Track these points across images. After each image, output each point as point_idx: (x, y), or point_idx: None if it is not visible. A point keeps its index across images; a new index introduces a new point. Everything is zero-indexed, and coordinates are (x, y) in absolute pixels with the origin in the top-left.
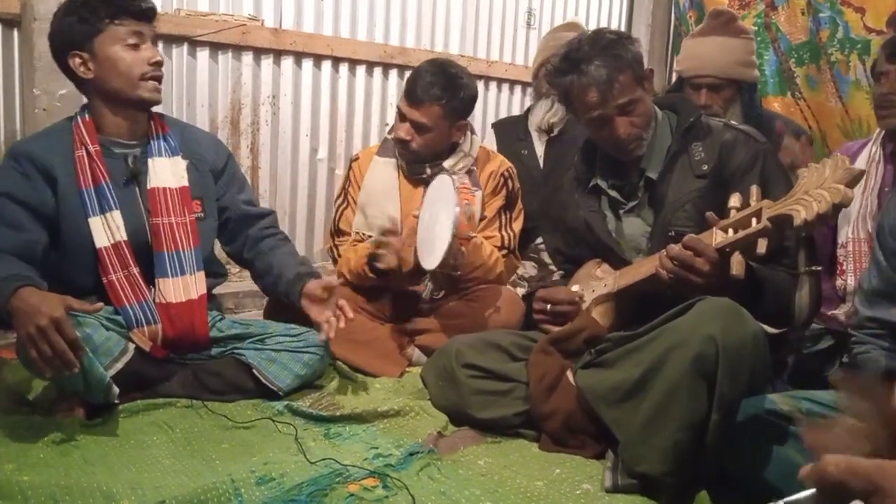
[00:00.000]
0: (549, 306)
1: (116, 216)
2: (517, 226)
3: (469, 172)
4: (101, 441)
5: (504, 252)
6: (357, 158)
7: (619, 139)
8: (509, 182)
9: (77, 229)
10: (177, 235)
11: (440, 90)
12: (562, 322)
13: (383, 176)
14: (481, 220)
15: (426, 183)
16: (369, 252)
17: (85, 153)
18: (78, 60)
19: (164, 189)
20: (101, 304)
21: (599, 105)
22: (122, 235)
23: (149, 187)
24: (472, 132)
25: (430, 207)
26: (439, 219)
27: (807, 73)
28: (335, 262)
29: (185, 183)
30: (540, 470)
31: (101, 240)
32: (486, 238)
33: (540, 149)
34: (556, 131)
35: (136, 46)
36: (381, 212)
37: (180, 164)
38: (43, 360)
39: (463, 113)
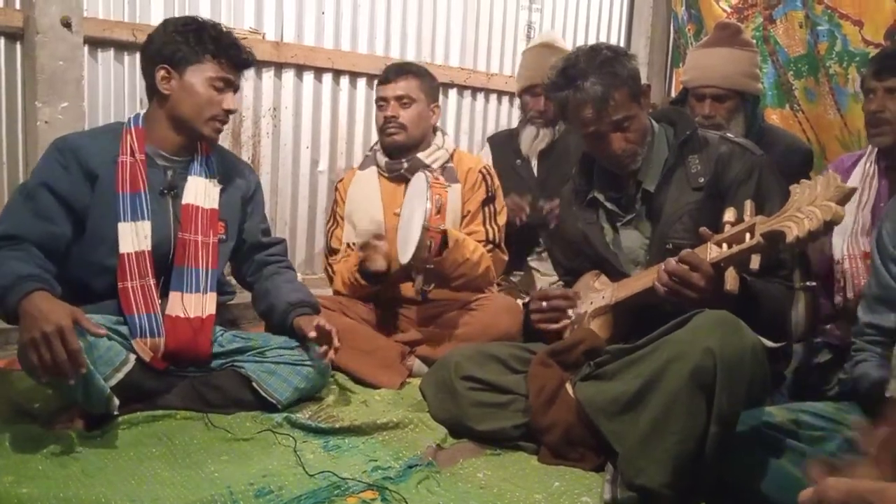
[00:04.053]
0: (544, 303)
1: (146, 226)
2: (501, 220)
3: (445, 168)
4: (100, 453)
5: (489, 247)
6: (341, 180)
7: (613, 154)
8: (488, 178)
9: (104, 231)
10: (199, 254)
11: (410, 66)
12: (557, 319)
13: (365, 184)
14: (464, 216)
15: (406, 180)
16: (359, 257)
17: (129, 159)
18: (164, 74)
19: (197, 207)
20: (104, 331)
21: (594, 122)
22: (147, 245)
23: (184, 202)
24: (444, 132)
25: (408, 205)
26: (415, 215)
27: (805, 86)
28: (331, 280)
29: (216, 206)
30: (539, 482)
31: (126, 245)
32: (471, 233)
33: (534, 161)
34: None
35: (220, 90)
36: (365, 215)
37: (215, 187)
38: (42, 366)
39: (435, 94)
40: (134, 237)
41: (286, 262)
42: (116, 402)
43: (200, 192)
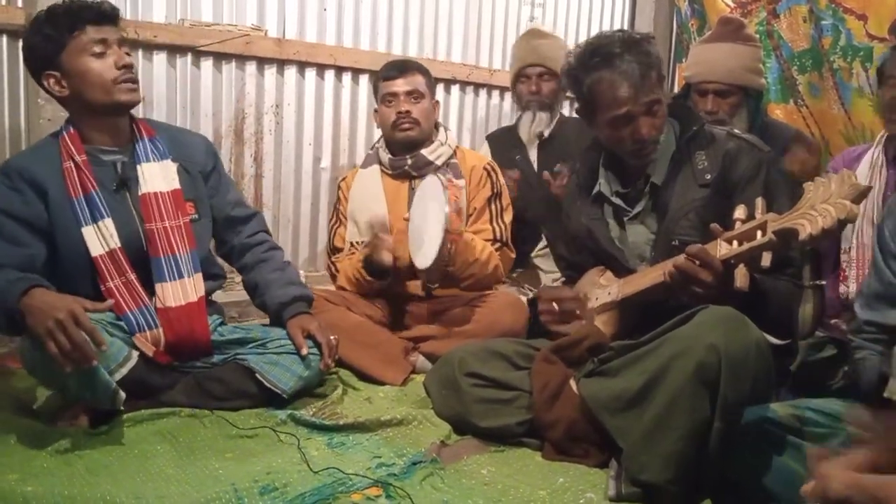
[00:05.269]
0: (555, 305)
1: (109, 224)
2: (507, 217)
3: (448, 164)
4: (104, 450)
5: (497, 245)
6: (344, 178)
7: (641, 139)
8: (493, 174)
9: (71, 240)
10: (172, 239)
11: (413, 62)
12: (568, 320)
13: (368, 182)
14: (470, 214)
15: (409, 177)
16: (364, 253)
17: (73, 164)
18: (52, 80)
19: (156, 194)
20: (111, 302)
21: (629, 101)
22: (115, 243)
23: (140, 193)
24: (446, 128)
25: (419, 207)
26: (429, 217)
27: (809, 81)
28: (334, 279)
29: (177, 186)
30: (543, 479)
31: (96, 248)
32: (478, 232)
33: (533, 153)
34: (546, 135)
35: (102, 54)
36: (369, 215)
37: (170, 167)
38: (62, 354)
39: (435, 89)
40: (100, 238)
41: (268, 243)
42: (122, 395)
43: (156, 176)
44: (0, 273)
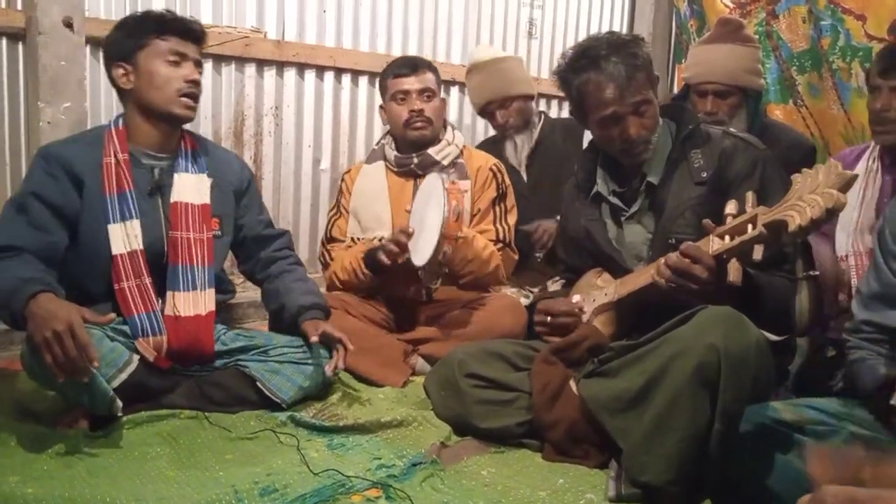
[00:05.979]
0: (549, 318)
1: (136, 225)
2: (512, 219)
3: (455, 164)
4: (104, 453)
5: (500, 246)
6: (348, 171)
7: (629, 139)
8: (499, 175)
9: (95, 234)
10: (193, 251)
11: (423, 59)
12: (562, 333)
13: (372, 179)
14: (474, 214)
15: (414, 175)
16: (370, 247)
17: (113, 160)
18: (121, 72)
19: (186, 204)
20: (112, 315)
21: (615, 102)
22: (138, 244)
23: (172, 201)
24: (453, 127)
25: (421, 205)
26: (429, 217)
27: (808, 81)
28: (325, 267)
29: (207, 201)
30: (543, 480)
31: (118, 247)
32: (482, 232)
33: (522, 167)
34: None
35: (176, 63)
36: (372, 212)
37: (205, 182)
38: (57, 364)
39: (441, 87)
40: (125, 237)
41: (293, 258)
42: (119, 404)
43: (189, 188)
44: (18, 259)
